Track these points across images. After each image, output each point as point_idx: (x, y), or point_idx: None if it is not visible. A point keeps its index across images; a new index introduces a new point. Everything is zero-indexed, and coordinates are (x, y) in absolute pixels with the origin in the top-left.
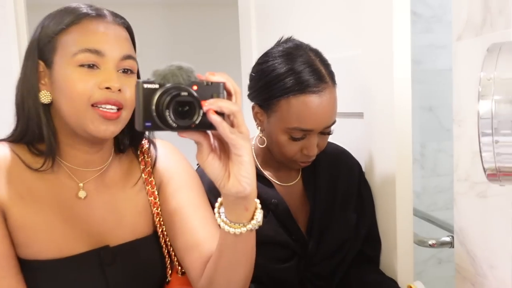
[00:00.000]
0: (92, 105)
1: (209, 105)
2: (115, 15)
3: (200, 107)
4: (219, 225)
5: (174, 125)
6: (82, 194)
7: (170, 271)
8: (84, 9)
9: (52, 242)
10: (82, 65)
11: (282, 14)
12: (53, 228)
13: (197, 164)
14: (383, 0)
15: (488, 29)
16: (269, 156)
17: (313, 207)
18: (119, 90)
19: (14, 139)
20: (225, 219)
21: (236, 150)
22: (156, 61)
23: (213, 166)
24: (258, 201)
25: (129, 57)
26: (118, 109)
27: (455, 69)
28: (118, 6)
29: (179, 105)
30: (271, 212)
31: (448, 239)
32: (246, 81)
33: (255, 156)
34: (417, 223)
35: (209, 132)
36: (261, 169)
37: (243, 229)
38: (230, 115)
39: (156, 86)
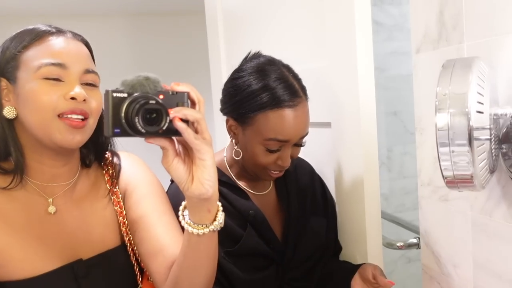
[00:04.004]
0: (59, 116)
1: (175, 113)
2: (74, 33)
3: (167, 114)
4: (182, 227)
5: (143, 131)
6: (51, 209)
7: (140, 278)
8: (44, 27)
9: (26, 261)
10: (46, 78)
11: (249, 23)
12: (26, 247)
13: (171, 180)
14: (345, 11)
15: (444, 43)
16: (243, 167)
17: (288, 215)
18: (84, 100)
19: None
20: (189, 221)
21: (200, 154)
22: (122, 70)
23: (178, 170)
24: (220, 204)
25: (91, 71)
26: (84, 119)
27: (415, 81)
28: (82, 18)
29: (148, 113)
30: (249, 224)
31: (415, 240)
32: (215, 89)
33: (228, 168)
34: (386, 225)
35: (174, 138)
36: (236, 180)
37: (206, 230)
38: (194, 122)
39: (125, 95)
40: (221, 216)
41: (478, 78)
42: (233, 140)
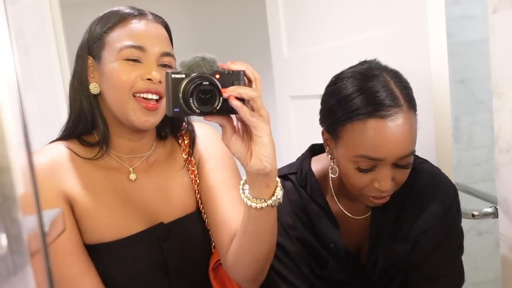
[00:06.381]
0: (134, 95)
1: (230, 92)
2: (155, 15)
3: (220, 95)
4: (243, 201)
5: (197, 110)
6: (132, 176)
7: (213, 244)
8: (127, 10)
9: (113, 224)
10: (127, 59)
11: None
12: (113, 212)
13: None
14: None
15: None
16: (344, 185)
17: (374, 245)
18: (160, 81)
19: (66, 134)
20: (248, 195)
21: (256, 131)
22: (182, 52)
23: (237, 146)
24: (279, 180)
25: (168, 54)
26: (158, 100)
27: (493, 42)
28: (140, 1)
29: (202, 93)
30: (331, 255)
31: (490, 210)
32: (276, 67)
33: (331, 185)
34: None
35: (232, 116)
36: (335, 197)
37: (264, 204)
38: (249, 100)
39: (183, 76)
40: (279, 192)
41: None
42: (329, 155)
